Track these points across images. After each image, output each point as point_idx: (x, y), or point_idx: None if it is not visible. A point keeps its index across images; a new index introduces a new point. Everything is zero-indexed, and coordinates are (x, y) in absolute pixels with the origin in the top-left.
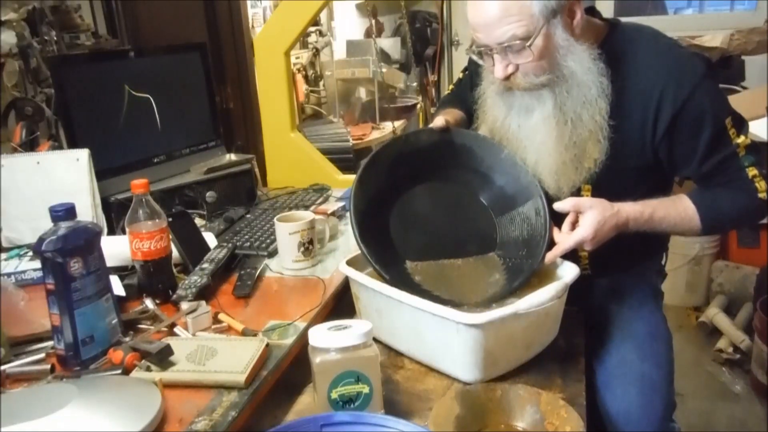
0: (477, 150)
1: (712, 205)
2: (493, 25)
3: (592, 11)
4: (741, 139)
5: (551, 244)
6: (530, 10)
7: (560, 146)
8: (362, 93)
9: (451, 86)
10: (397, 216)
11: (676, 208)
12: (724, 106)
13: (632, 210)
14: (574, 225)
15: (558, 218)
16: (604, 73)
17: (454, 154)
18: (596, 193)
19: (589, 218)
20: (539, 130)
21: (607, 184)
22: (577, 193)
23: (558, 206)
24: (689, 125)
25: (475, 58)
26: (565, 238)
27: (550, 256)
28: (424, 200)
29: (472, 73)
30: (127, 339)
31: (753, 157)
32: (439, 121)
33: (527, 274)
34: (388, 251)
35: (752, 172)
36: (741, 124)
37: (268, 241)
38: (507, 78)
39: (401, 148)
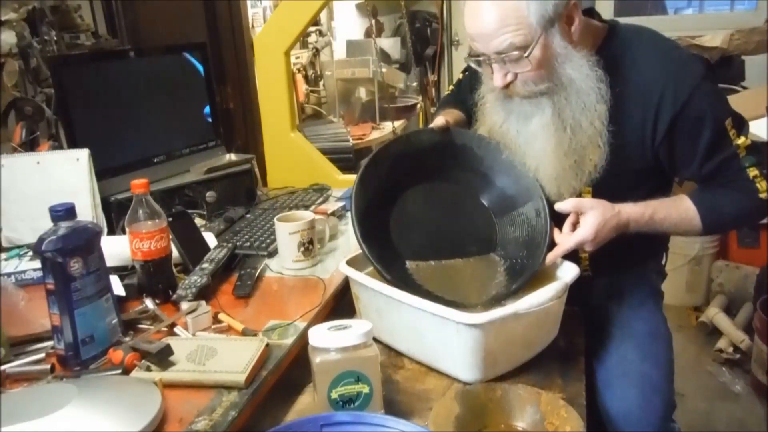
0: (477, 150)
1: (712, 205)
2: (491, 35)
3: (590, 12)
4: (741, 140)
5: (552, 245)
6: (528, 20)
7: (560, 153)
8: (362, 93)
9: (451, 86)
10: (397, 216)
11: (677, 209)
12: (724, 108)
13: (633, 211)
14: (575, 226)
15: (559, 219)
16: (603, 79)
17: (455, 155)
18: (596, 195)
19: (590, 219)
20: (538, 137)
21: (607, 186)
22: (577, 196)
23: (559, 207)
24: (689, 127)
25: (474, 66)
26: (565, 239)
27: (550, 257)
28: (424, 200)
29: (472, 75)
30: (127, 339)
31: (754, 157)
32: (439, 121)
33: (528, 275)
34: (389, 251)
35: (753, 172)
36: (741, 125)
37: (268, 241)
38: (506, 86)
39: (402, 148)
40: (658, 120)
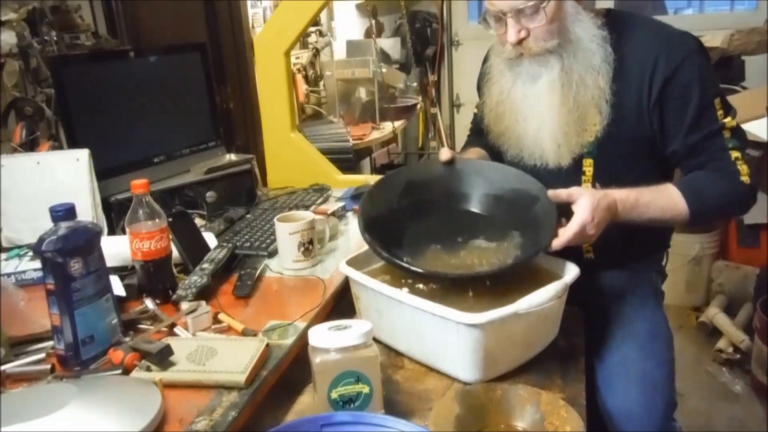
0: (487, 173)
1: (696, 188)
2: None
3: None
4: (728, 120)
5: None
6: None
7: (564, 109)
8: (362, 93)
9: (470, 127)
10: (407, 239)
11: (661, 193)
12: (714, 84)
13: (619, 192)
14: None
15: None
16: (608, 41)
17: (463, 181)
18: (597, 166)
19: (583, 202)
20: (544, 96)
21: (607, 157)
22: (578, 166)
23: (552, 193)
24: (678, 93)
25: (489, 23)
26: (567, 227)
27: (556, 243)
28: (433, 226)
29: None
30: (127, 339)
31: (737, 141)
32: (445, 154)
33: (535, 252)
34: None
35: (735, 154)
36: (729, 108)
37: (268, 241)
38: (519, 43)
39: (412, 175)
40: (652, 84)
